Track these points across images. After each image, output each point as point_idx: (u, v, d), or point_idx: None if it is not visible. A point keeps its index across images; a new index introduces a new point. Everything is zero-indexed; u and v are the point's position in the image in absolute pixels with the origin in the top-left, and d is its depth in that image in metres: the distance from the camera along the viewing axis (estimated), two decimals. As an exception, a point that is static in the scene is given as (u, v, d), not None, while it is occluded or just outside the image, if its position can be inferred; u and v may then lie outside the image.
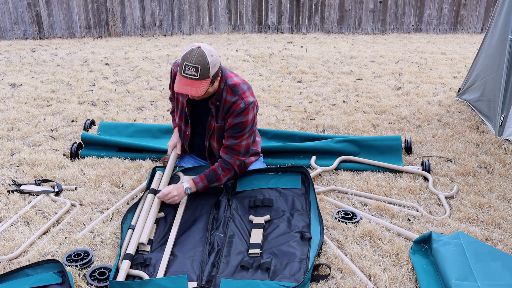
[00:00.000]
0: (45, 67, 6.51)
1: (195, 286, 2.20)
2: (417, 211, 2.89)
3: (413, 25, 9.60)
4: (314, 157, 3.51)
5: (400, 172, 3.37)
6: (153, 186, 2.84)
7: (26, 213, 2.83)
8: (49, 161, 3.51)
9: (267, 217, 2.68)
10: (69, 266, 2.34)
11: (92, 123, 4.22)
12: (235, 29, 9.53)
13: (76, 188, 3.15)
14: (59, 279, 2.19)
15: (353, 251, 2.49)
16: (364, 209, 2.94)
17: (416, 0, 9.42)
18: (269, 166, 3.41)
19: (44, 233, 2.67)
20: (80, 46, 8.11)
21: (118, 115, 4.59)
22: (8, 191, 3.09)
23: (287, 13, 9.50)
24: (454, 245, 2.36)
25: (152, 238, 2.55)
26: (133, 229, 2.56)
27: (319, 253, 2.46)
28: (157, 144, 3.65)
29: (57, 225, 2.74)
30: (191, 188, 2.73)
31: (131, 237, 2.50)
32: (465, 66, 6.64)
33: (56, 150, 3.74)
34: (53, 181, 3.23)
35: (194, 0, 9.20)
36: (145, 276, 2.27)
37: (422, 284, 2.21)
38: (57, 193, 3.09)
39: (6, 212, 2.86)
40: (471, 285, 2.10)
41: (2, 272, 2.32)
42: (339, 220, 2.76)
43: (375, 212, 2.89)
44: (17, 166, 3.46)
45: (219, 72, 2.63)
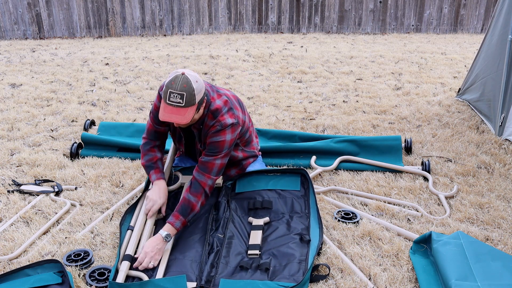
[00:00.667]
0: (45, 67, 6.51)
1: (194, 286, 2.20)
2: (417, 211, 2.89)
3: (413, 25, 9.60)
4: (314, 157, 3.51)
5: (400, 172, 3.37)
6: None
7: (26, 213, 2.83)
8: (49, 161, 3.51)
9: (266, 219, 2.68)
10: (69, 266, 2.34)
11: (92, 123, 4.22)
12: (235, 29, 9.53)
13: (76, 188, 3.15)
14: (59, 279, 2.19)
15: (353, 251, 2.49)
16: (364, 209, 2.94)
17: (416, 0, 9.42)
18: (269, 167, 3.41)
19: (44, 233, 2.67)
20: (80, 46, 8.11)
21: (118, 115, 4.59)
22: (8, 191, 3.09)
23: (287, 13, 9.50)
24: (454, 245, 2.36)
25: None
26: (132, 230, 2.56)
27: (318, 253, 2.46)
28: (157, 144, 3.65)
29: (57, 225, 2.74)
30: (170, 234, 2.46)
31: (130, 237, 2.50)
32: (465, 66, 6.63)
33: (56, 150, 3.74)
34: (53, 181, 3.23)
35: (194, 0, 9.20)
36: (145, 277, 2.28)
37: (422, 284, 2.21)
38: (57, 193, 3.09)
39: (6, 212, 2.86)
40: (471, 285, 2.10)
41: (2, 272, 2.32)
42: (339, 220, 2.76)
43: (375, 212, 2.89)
44: (17, 166, 3.46)
45: (204, 98, 2.55)
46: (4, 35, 8.76)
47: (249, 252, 2.44)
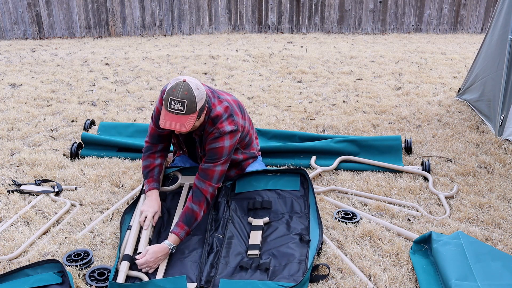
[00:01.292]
0: (45, 67, 6.51)
1: (194, 286, 2.21)
2: (417, 211, 2.89)
3: (413, 25, 9.60)
4: (314, 157, 3.51)
5: (400, 172, 3.37)
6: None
7: (26, 213, 2.83)
8: (49, 161, 3.51)
9: (266, 219, 2.68)
10: (69, 266, 2.34)
11: (92, 123, 4.22)
12: (235, 29, 9.53)
13: (76, 188, 3.15)
14: (59, 279, 2.19)
15: (353, 251, 2.49)
16: (364, 209, 2.94)
17: (416, 0, 9.42)
18: (268, 167, 3.41)
19: (44, 233, 2.67)
20: (80, 46, 8.11)
21: (118, 115, 4.59)
22: (8, 191, 3.09)
23: (287, 13, 9.50)
24: (454, 245, 2.36)
25: (151, 237, 2.56)
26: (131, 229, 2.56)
27: (318, 253, 2.46)
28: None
29: (57, 225, 2.74)
30: (174, 244, 2.44)
31: (129, 237, 2.50)
32: (465, 66, 6.63)
33: (56, 150, 3.74)
34: (53, 181, 3.23)
35: (194, 0, 9.20)
36: (145, 278, 2.28)
37: (422, 284, 2.21)
38: (57, 193, 3.09)
39: (6, 212, 2.86)
40: (471, 285, 2.10)
41: (2, 272, 2.32)
42: (339, 220, 2.76)
43: (375, 212, 2.89)
44: (17, 166, 3.46)
45: (205, 105, 2.54)
46: (4, 35, 8.76)
47: (249, 252, 2.44)
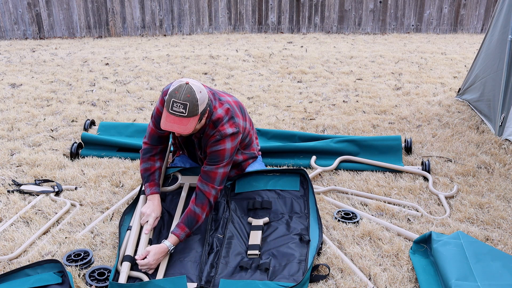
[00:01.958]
0: (45, 67, 6.51)
1: (195, 286, 2.20)
2: (417, 211, 2.89)
3: (413, 25, 9.59)
4: (314, 157, 3.51)
5: (400, 172, 3.37)
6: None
7: (26, 213, 2.83)
8: (49, 161, 3.51)
9: (266, 219, 2.68)
10: (69, 266, 2.35)
11: (92, 123, 4.22)
12: (235, 29, 9.53)
13: (76, 188, 3.15)
14: (59, 279, 2.19)
15: (353, 251, 2.49)
16: (364, 209, 2.94)
17: (416, 0, 9.41)
18: (268, 167, 3.41)
19: (44, 233, 2.67)
20: (80, 46, 8.11)
21: (118, 115, 4.59)
22: (8, 191, 3.09)
23: (287, 13, 9.50)
24: (454, 245, 2.36)
25: (151, 238, 2.56)
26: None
27: (318, 253, 2.46)
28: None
29: (57, 225, 2.74)
30: (174, 245, 2.44)
31: (130, 238, 2.50)
32: (465, 66, 6.63)
33: (56, 150, 3.74)
34: (53, 181, 3.23)
35: (194, 0, 9.20)
36: (145, 278, 2.28)
37: (422, 284, 2.21)
38: (57, 193, 3.09)
39: (6, 212, 2.86)
40: (471, 285, 2.10)
41: (2, 272, 2.32)
42: (339, 220, 2.76)
43: (375, 212, 2.89)
44: (17, 166, 3.46)
45: (207, 108, 2.53)
46: (4, 35, 8.76)
47: (249, 252, 2.44)
